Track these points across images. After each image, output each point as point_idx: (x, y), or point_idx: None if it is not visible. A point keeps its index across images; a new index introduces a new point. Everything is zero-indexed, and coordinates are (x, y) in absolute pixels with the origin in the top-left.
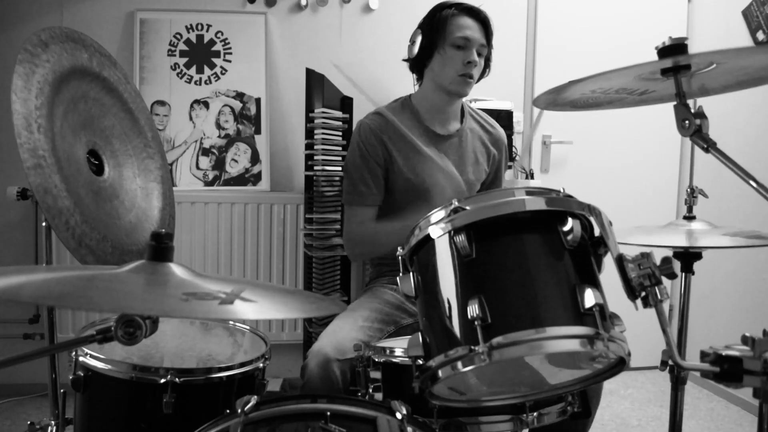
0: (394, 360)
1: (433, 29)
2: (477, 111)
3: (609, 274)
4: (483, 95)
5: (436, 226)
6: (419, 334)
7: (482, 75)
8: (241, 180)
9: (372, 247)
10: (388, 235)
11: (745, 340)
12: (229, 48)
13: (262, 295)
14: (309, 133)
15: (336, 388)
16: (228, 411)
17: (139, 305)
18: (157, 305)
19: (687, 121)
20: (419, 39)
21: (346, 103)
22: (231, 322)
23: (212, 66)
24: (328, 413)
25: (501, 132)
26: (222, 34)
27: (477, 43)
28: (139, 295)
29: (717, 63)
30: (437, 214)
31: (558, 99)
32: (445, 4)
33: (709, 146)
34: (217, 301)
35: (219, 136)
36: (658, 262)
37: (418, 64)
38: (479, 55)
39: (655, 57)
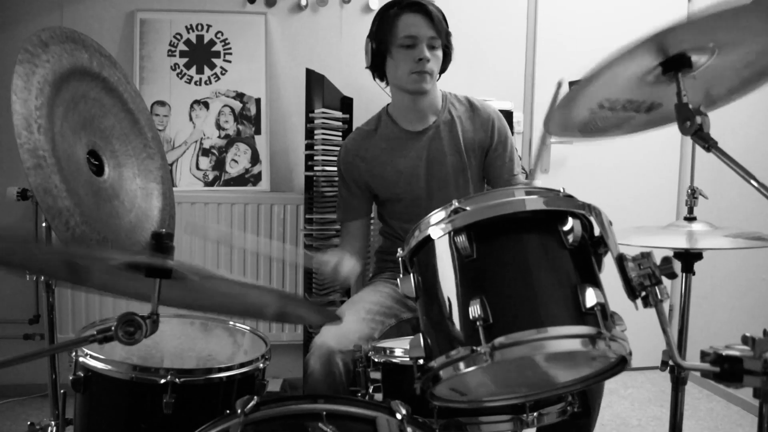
0: (394, 360)
1: (380, 33)
2: (463, 97)
3: (609, 273)
4: (483, 95)
5: (437, 227)
6: (420, 335)
7: (444, 66)
8: (241, 180)
9: None
10: None
11: (745, 340)
12: (229, 48)
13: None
14: (309, 133)
15: (338, 380)
16: (228, 411)
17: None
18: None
19: (688, 121)
20: (370, 46)
21: (346, 103)
22: (231, 322)
23: (212, 66)
24: (328, 413)
25: (489, 111)
26: (222, 35)
27: (425, 37)
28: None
29: (716, 44)
30: (437, 215)
31: (568, 121)
32: (389, 4)
33: (710, 145)
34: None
35: (219, 137)
36: (658, 261)
37: (377, 70)
38: (432, 47)
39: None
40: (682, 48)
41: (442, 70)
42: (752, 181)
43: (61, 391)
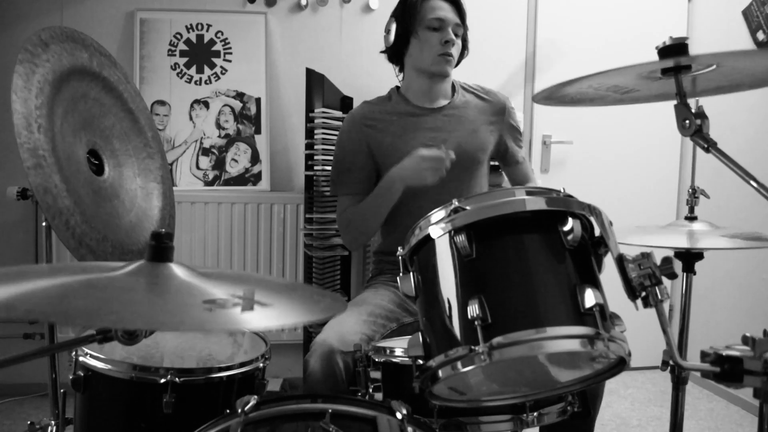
0: (394, 360)
1: (407, 15)
2: (470, 85)
3: (609, 274)
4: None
5: (437, 226)
6: (419, 333)
7: (461, 56)
8: (241, 180)
9: (361, 225)
10: (369, 207)
11: (745, 340)
12: (229, 48)
13: (271, 294)
14: (309, 133)
15: (339, 380)
16: (228, 411)
17: (168, 319)
18: (186, 318)
19: (687, 121)
20: (394, 27)
21: (346, 103)
22: None
23: (212, 66)
24: (328, 413)
25: (500, 98)
26: (222, 34)
27: (452, 22)
28: (163, 307)
29: (718, 64)
30: (437, 214)
31: (554, 94)
32: None
33: (710, 146)
34: (238, 308)
35: (219, 136)
36: (658, 262)
37: (396, 53)
38: (455, 35)
39: (654, 56)
40: (687, 63)
41: (458, 61)
42: (752, 182)
43: (61, 390)
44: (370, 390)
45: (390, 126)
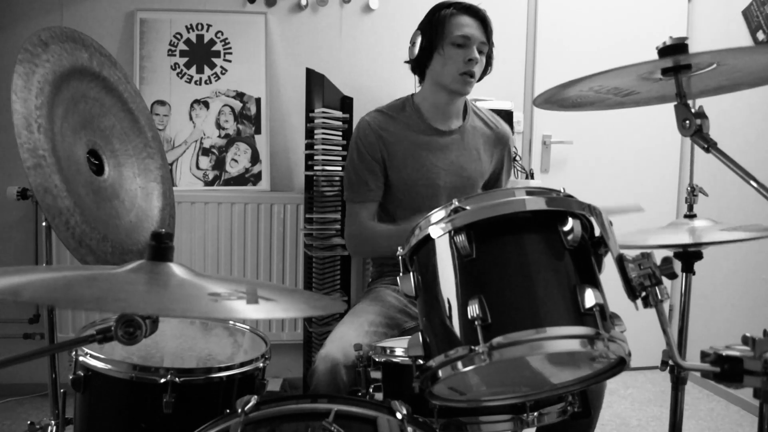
0: (394, 360)
1: (433, 29)
2: (481, 109)
3: (609, 274)
4: (483, 95)
5: (437, 226)
6: (419, 333)
7: (484, 73)
8: (241, 180)
9: (370, 247)
10: (386, 239)
11: (745, 340)
12: (229, 48)
13: (272, 293)
14: (309, 133)
15: (343, 393)
16: (228, 411)
17: (176, 305)
18: (193, 306)
19: (687, 121)
20: (419, 40)
21: (346, 103)
22: (231, 322)
23: (212, 66)
24: (328, 413)
25: (505, 129)
26: (222, 34)
27: (477, 40)
28: (169, 296)
29: (718, 63)
30: (437, 214)
31: (555, 97)
32: (444, 3)
33: (710, 146)
34: (243, 300)
35: (219, 136)
36: (658, 262)
37: (419, 65)
38: (480, 53)
39: (655, 57)
40: (687, 62)
41: (480, 78)
42: (752, 182)
43: (61, 390)
44: (371, 390)
45: (402, 141)
